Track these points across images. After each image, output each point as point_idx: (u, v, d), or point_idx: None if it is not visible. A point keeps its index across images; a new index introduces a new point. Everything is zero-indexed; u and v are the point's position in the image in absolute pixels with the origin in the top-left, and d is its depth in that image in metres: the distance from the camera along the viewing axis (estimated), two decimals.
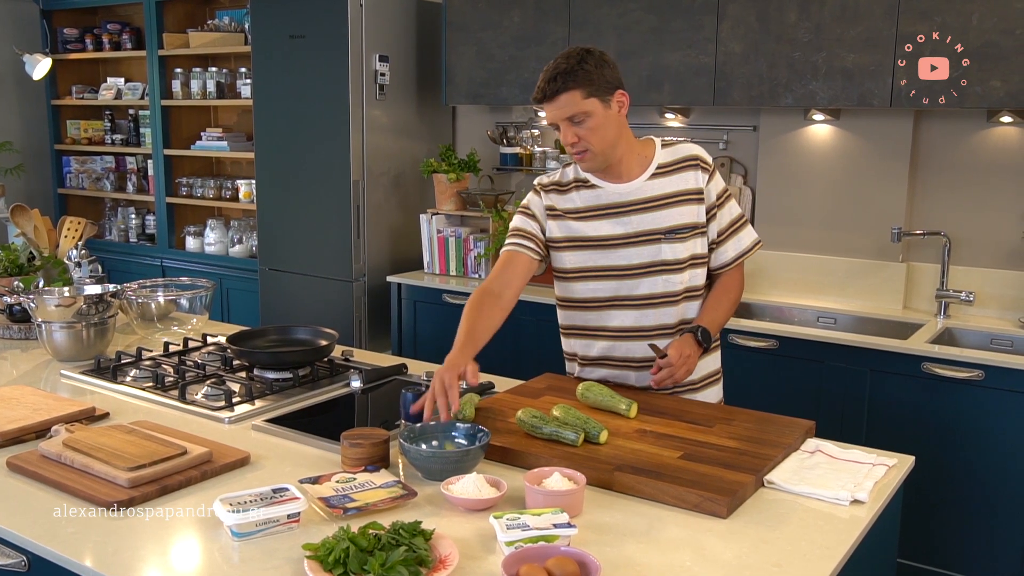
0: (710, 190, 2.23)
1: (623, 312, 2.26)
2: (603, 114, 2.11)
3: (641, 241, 2.21)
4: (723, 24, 3.47)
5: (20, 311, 2.88)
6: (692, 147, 2.26)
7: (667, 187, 2.21)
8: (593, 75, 2.07)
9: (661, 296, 2.22)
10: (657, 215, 2.20)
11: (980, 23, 3.00)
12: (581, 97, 2.08)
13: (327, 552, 1.39)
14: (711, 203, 2.23)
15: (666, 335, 2.25)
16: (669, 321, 2.24)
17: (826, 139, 3.64)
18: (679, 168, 2.22)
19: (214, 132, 5.19)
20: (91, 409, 2.13)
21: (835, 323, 3.54)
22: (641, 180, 2.21)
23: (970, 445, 2.95)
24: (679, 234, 2.20)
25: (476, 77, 4.13)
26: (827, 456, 1.91)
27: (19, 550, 1.61)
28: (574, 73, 2.07)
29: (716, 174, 2.25)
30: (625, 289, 2.24)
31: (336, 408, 2.28)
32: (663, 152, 2.24)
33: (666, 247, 2.20)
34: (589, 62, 2.08)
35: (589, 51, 2.11)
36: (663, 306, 2.23)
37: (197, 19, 5.37)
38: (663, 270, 2.21)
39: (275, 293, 4.58)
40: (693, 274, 2.24)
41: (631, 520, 1.63)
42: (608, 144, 2.14)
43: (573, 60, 2.08)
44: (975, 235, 3.44)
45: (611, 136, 2.14)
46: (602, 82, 2.09)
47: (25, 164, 5.81)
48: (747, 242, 2.29)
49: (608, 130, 2.13)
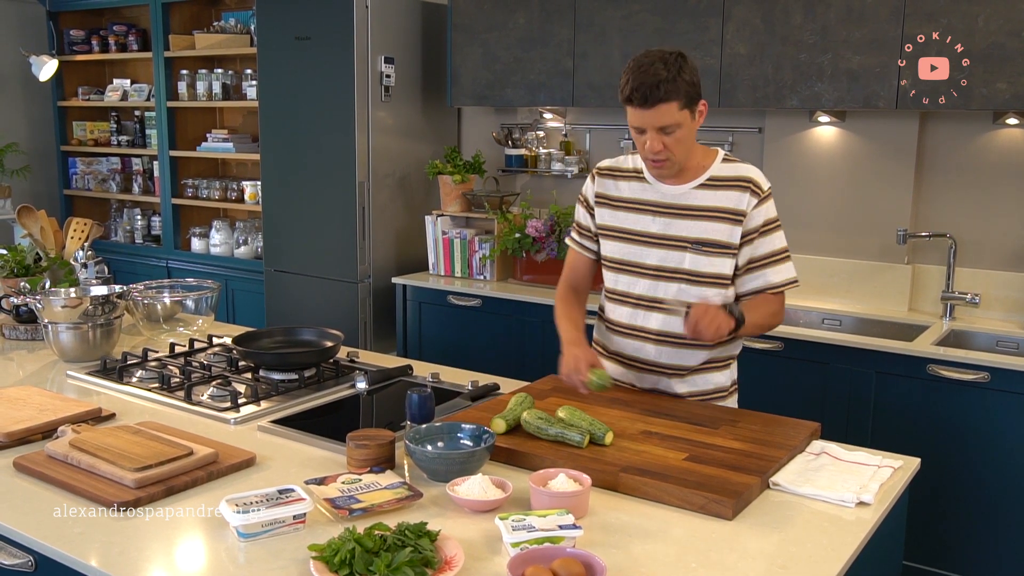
0: (755, 215, 2.15)
1: (636, 311, 2.27)
2: (690, 125, 2.09)
3: (668, 245, 2.20)
4: (728, 26, 3.47)
5: (27, 312, 2.89)
6: (752, 170, 2.20)
7: (710, 200, 2.17)
8: (686, 86, 2.04)
9: (673, 304, 2.20)
10: (693, 224, 2.17)
11: (986, 25, 2.99)
12: (677, 108, 2.04)
13: (333, 553, 1.40)
14: (750, 228, 2.15)
15: (672, 343, 2.23)
16: (678, 329, 2.18)
17: (831, 141, 3.64)
18: (730, 185, 2.17)
19: (220, 133, 5.20)
20: (97, 410, 2.13)
21: (840, 325, 3.53)
22: (689, 187, 2.19)
23: (976, 447, 2.95)
24: (706, 248, 2.16)
25: (481, 78, 4.13)
26: (832, 458, 1.91)
27: (26, 550, 1.61)
28: (675, 83, 2.02)
29: (769, 201, 2.17)
30: (645, 288, 2.25)
31: (341, 409, 2.28)
32: (721, 166, 2.19)
33: (689, 257, 2.18)
34: (686, 71, 2.04)
35: (683, 57, 2.06)
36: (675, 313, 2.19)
37: (203, 21, 5.39)
38: (681, 279, 2.19)
39: (280, 294, 4.58)
40: (716, 292, 2.19)
41: (636, 521, 1.63)
42: (686, 153, 2.13)
43: (673, 69, 2.02)
44: (981, 237, 3.44)
45: (690, 145, 2.13)
46: (693, 92, 2.06)
47: (31, 165, 5.82)
48: (778, 279, 2.20)
49: (690, 140, 2.12)
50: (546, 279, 3.98)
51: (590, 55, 3.81)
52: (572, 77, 3.87)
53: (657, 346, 2.26)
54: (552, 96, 3.96)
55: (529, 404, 2.03)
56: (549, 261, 3.95)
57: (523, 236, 3.97)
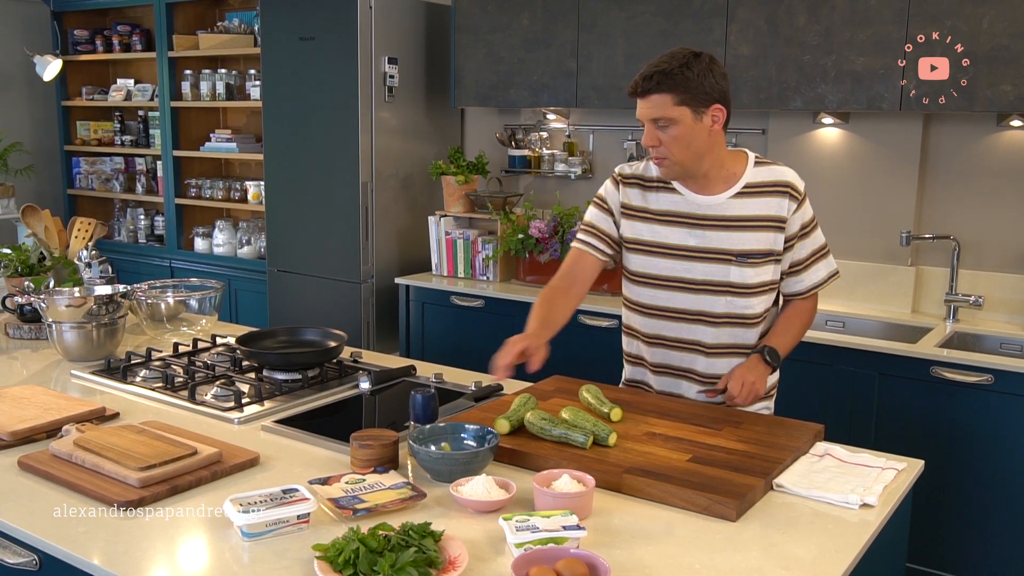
0: (794, 220, 2.11)
1: (678, 324, 2.21)
2: (691, 125, 2.01)
3: (711, 258, 2.14)
4: (732, 27, 3.47)
5: (31, 311, 2.89)
6: (786, 172, 2.13)
7: (751, 209, 2.11)
8: (692, 82, 1.98)
9: (723, 316, 2.16)
10: (734, 236, 2.11)
11: (991, 27, 2.99)
12: (672, 103, 2.00)
13: (337, 553, 1.40)
14: (792, 233, 2.12)
15: (720, 353, 2.20)
16: (726, 340, 2.18)
17: (835, 142, 3.64)
18: (768, 192, 2.11)
19: (223, 133, 5.20)
20: (101, 409, 2.14)
21: (844, 327, 3.53)
22: (725, 196, 2.12)
23: (979, 449, 2.94)
24: (752, 259, 2.11)
25: (485, 79, 4.13)
26: (836, 460, 1.91)
27: (31, 549, 1.61)
28: (672, 76, 1.98)
29: (806, 203, 2.13)
30: (685, 302, 2.19)
31: (345, 409, 2.29)
32: (754, 171, 2.13)
33: (735, 270, 2.12)
34: (693, 68, 1.98)
35: (698, 55, 2.01)
36: (724, 326, 2.17)
37: (207, 21, 5.39)
38: (728, 291, 2.14)
39: (283, 294, 4.59)
40: (762, 300, 2.16)
41: (640, 523, 1.63)
42: (691, 157, 2.05)
43: (676, 61, 1.99)
44: (985, 239, 3.44)
45: (696, 149, 2.04)
46: (700, 92, 1.99)
47: (35, 165, 5.83)
48: (823, 274, 2.19)
49: (694, 142, 2.03)
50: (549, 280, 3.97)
51: (594, 56, 3.81)
52: (575, 78, 3.87)
53: (708, 358, 2.22)
54: (555, 97, 3.96)
55: (533, 405, 2.03)
56: (552, 262, 3.95)
57: (526, 237, 3.97)
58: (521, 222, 4.07)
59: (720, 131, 2.07)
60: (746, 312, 2.16)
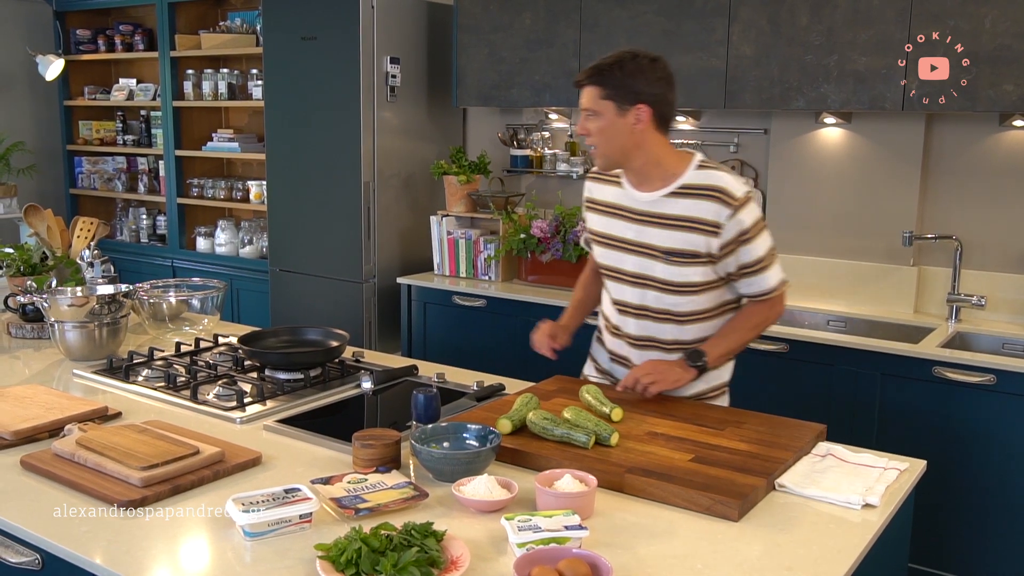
0: (730, 226, 2.11)
1: (622, 316, 2.33)
2: (613, 119, 2.12)
3: (642, 253, 2.23)
4: (734, 27, 3.47)
5: (33, 310, 2.90)
6: (724, 178, 2.14)
7: (681, 209, 2.15)
8: (619, 80, 2.10)
9: (652, 310, 2.25)
10: (663, 233, 2.18)
11: (993, 27, 2.99)
12: (598, 96, 2.12)
13: (339, 552, 1.40)
14: (729, 239, 2.12)
15: (645, 345, 2.30)
16: (666, 336, 2.27)
17: (837, 142, 3.64)
18: (700, 195, 2.14)
19: (225, 133, 5.20)
20: (104, 408, 2.14)
21: (845, 327, 3.53)
22: (659, 194, 2.18)
23: (982, 450, 2.94)
24: (675, 258, 2.17)
25: (487, 79, 4.13)
26: (838, 460, 1.91)
27: (33, 548, 1.62)
28: (602, 72, 2.11)
29: (744, 210, 2.11)
30: (623, 293, 2.31)
31: (347, 409, 2.29)
32: (694, 173, 2.17)
33: (660, 266, 2.19)
34: (626, 67, 2.10)
35: (635, 56, 2.12)
36: (659, 321, 2.26)
37: (209, 20, 5.39)
38: (655, 287, 2.22)
39: (285, 294, 4.59)
40: (690, 299, 2.21)
41: (642, 522, 1.63)
42: (614, 149, 2.16)
43: (611, 59, 2.13)
44: (987, 239, 3.43)
45: (619, 143, 2.14)
46: (625, 90, 2.10)
47: (37, 164, 5.83)
48: (767, 285, 2.20)
49: (615, 136, 2.14)
50: (551, 280, 3.98)
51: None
52: None
53: (636, 350, 2.33)
54: (557, 97, 3.96)
55: (535, 405, 2.03)
56: (554, 262, 3.95)
57: (528, 237, 3.97)
58: (523, 222, 4.07)
59: (648, 130, 2.14)
60: (673, 309, 2.23)
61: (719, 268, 2.17)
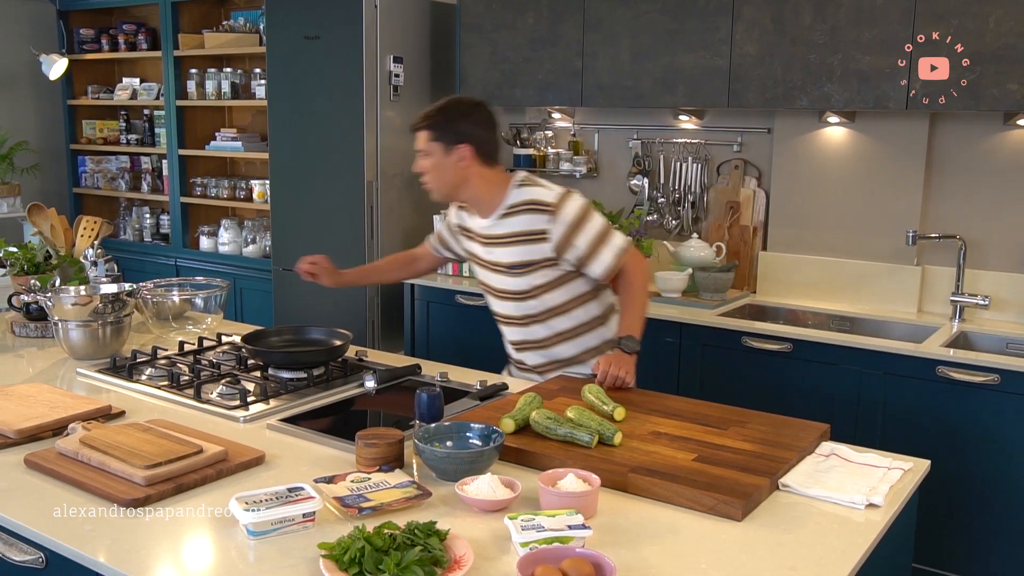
0: (555, 228, 2.38)
1: (503, 327, 2.61)
2: (441, 159, 2.40)
3: (494, 269, 2.51)
4: (738, 26, 3.47)
5: (37, 309, 2.90)
6: (535, 191, 2.42)
7: (511, 227, 2.43)
8: (443, 124, 2.39)
9: (520, 318, 2.53)
10: (503, 251, 2.46)
11: (997, 26, 2.98)
12: (428, 138, 2.41)
13: (342, 551, 1.40)
14: (559, 238, 2.39)
15: (535, 347, 2.55)
16: (539, 336, 2.53)
17: (841, 141, 3.63)
18: (520, 211, 2.41)
19: (228, 132, 5.21)
20: (107, 407, 2.14)
21: (849, 326, 3.53)
22: (491, 219, 2.46)
23: (986, 450, 2.93)
24: (517, 270, 2.45)
25: (490, 78, 4.13)
26: (842, 459, 1.91)
27: (37, 547, 1.62)
28: (430, 117, 2.41)
29: (564, 208, 2.38)
30: (495, 306, 2.59)
31: (350, 408, 2.29)
32: (514, 193, 2.44)
33: (508, 279, 2.47)
34: (449, 112, 2.40)
35: (459, 102, 2.45)
36: (525, 325, 2.53)
37: (212, 20, 5.40)
38: (510, 297, 2.51)
39: (288, 293, 4.59)
40: (546, 299, 2.47)
41: (646, 522, 1.63)
42: (443, 184, 2.44)
43: (438, 106, 2.43)
44: (991, 238, 3.43)
45: (448, 179, 2.42)
46: (450, 132, 2.38)
47: (41, 164, 5.84)
48: (609, 259, 2.42)
49: (444, 173, 2.41)
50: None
51: (599, 55, 3.80)
52: (581, 77, 3.87)
53: (521, 353, 2.60)
54: (560, 96, 3.96)
55: (538, 404, 2.03)
56: None
57: None
58: None
59: (472, 166, 2.40)
60: (531, 312, 2.50)
61: (563, 265, 2.43)
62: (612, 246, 2.43)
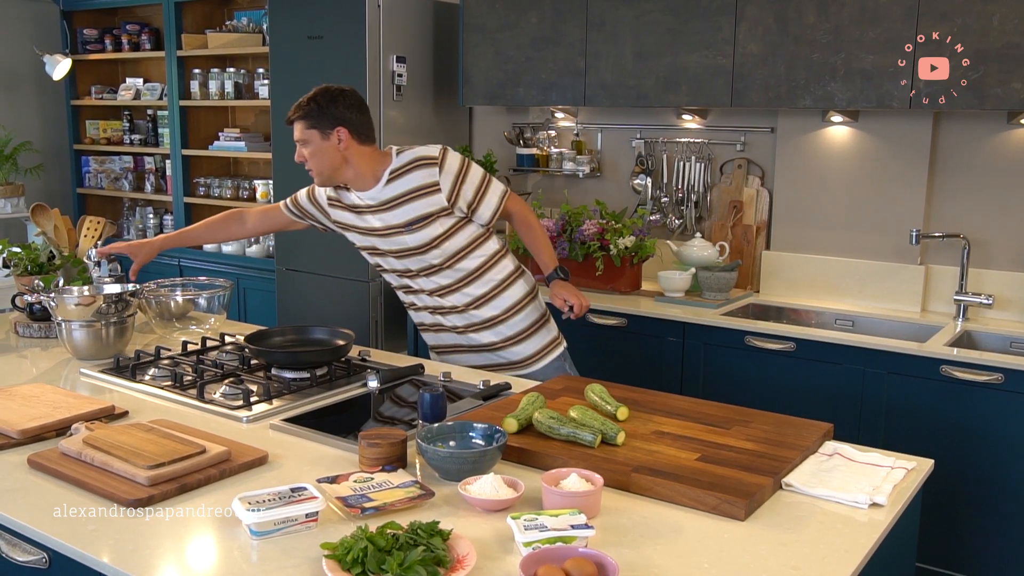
0: (444, 178, 2.57)
1: (413, 295, 2.74)
2: (320, 144, 2.52)
3: (389, 233, 2.63)
4: (741, 25, 3.46)
5: (40, 310, 2.90)
6: (417, 150, 2.60)
7: (403, 187, 2.58)
8: (316, 112, 2.50)
9: (427, 268, 2.66)
10: (397, 212, 2.59)
11: (1001, 25, 2.98)
12: (304, 127, 2.52)
13: (345, 551, 1.40)
14: (449, 187, 2.58)
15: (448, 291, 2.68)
16: (447, 281, 2.67)
17: (844, 141, 3.63)
18: (409, 170, 2.58)
19: (232, 132, 5.21)
20: (110, 407, 2.14)
21: (853, 325, 3.52)
22: (378, 188, 2.59)
23: (989, 449, 2.93)
24: (415, 225, 2.59)
25: (493, 78, 4.13)
26: (845, 459, 1.91)
27: (40, 547, 1.62)
28: (302, 108, 2.52)
29: (448, 159, 2.58)
30: (397, 264, 2.70)
31: (353, 408, 2.29)
32: (396, 159, 2.60)
33: (407, 237, 2.60)
34: (320, 100, 2.51)
35: (327, 90, 2.53)
36: (433, 273, 2.66)
37: (215, 20, 5.40)
38: (410, 253, 2.63)
39: (292, 293, 4.59)
40: (446, 247, 2.62)
41: (649, 522, 1.63)
42: (328, 168, 2.55)
43: (308, 96, 2.53)
44: (994, 237, 3.42)
45: (331, 162, 2.54)
46: (324, 118, 2.50)
47: (45, 164, 5.85)
48: (495, 201, 2.66)
49: (325, 157, 2.53)
50: None
51: (602, 55, 3.80)
52: (584, 77, 3.87)
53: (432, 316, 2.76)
54: (564, 96, 3.96)
55: (541, 403, 2.03)
56: (560, 260, 3.93)
57: None
58: None
59: (351, 146, 2.54)
60: (434, 263, 2.64)
61: (456, 212, 2.59)
62: (495, 190, 2.66)
